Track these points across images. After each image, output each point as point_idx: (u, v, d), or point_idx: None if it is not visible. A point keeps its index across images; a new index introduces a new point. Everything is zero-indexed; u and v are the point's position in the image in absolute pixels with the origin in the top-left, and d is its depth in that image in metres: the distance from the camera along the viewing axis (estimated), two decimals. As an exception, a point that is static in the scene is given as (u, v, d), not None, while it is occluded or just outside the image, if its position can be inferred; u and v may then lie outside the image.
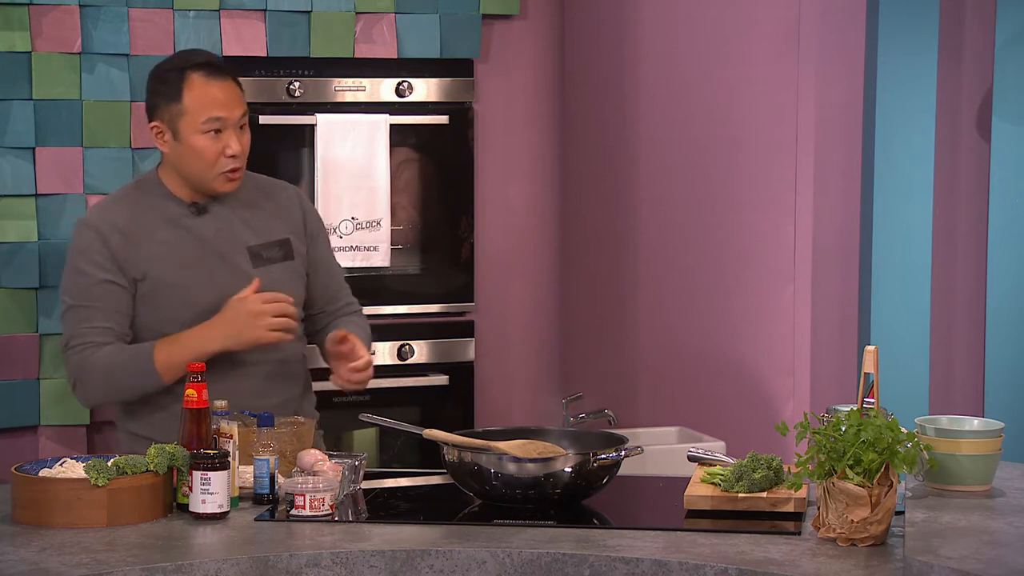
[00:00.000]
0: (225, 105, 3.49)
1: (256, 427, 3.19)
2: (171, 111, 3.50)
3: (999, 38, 4.49)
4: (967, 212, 4.56)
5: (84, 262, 3.50)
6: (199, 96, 3.48)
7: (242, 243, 3.57)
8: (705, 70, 4.61)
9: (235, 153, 3.50)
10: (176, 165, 3.55)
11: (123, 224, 3.53)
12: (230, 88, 3.52)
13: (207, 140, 3.48)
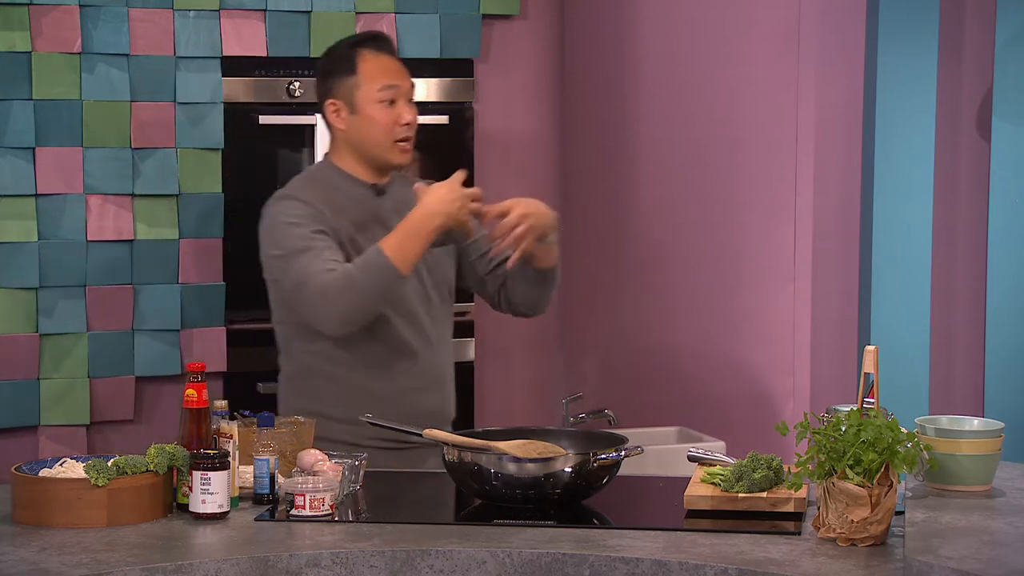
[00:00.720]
0: (398, 74, 3.71)
1: (256, 427, 3.19)
2: (346, 85, 3.68)
3: (999, 38, 4.49)
4: (967, 212, 4.56)
5: (296, 219, 3.58)
6: (372, 67, 3.69)
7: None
8: (705, 70, 4.61)
9: (408, 121, 3.67)
10: (353, 140, 3.69)
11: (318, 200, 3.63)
12: (398, 62, 3.74)
13: (382, 109, 3.67)
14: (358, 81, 3.69)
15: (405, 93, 3.71)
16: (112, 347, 4.55)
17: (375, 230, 3.65)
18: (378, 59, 3.71)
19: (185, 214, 4.60)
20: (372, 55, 3.71)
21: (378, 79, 3.68)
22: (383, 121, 3.68)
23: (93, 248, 4.51)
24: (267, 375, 4.76)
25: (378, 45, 3.74)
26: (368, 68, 3.70)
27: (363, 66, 3.70)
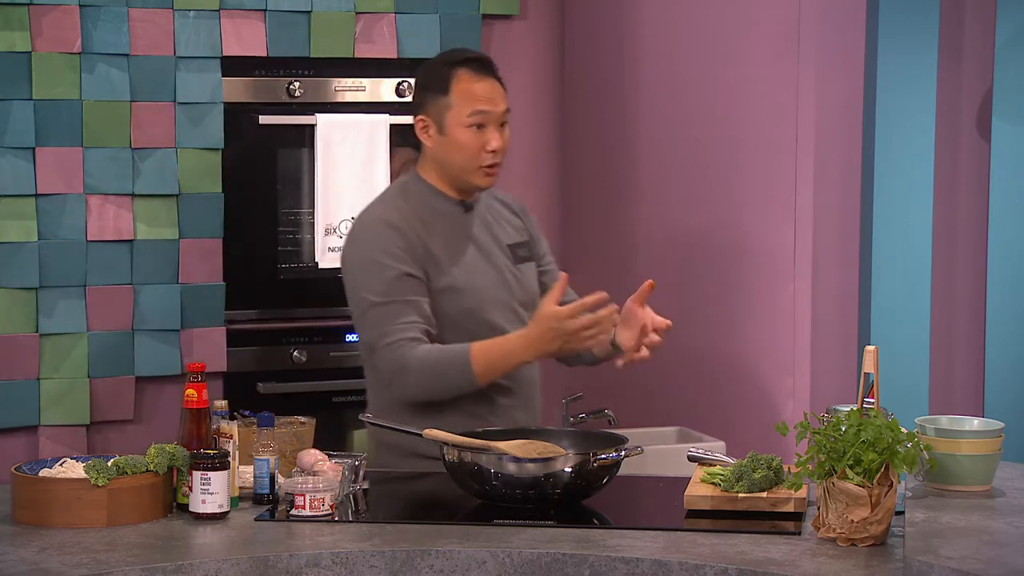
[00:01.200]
0: (489, 100, 3.59)
1: (256, 427, 3.19)
2: (438, 105, 3.59)
3: (999, 38, 4.49)
4: (967, 212, 4.55)
5: (383, 255, 3.51)
6: (465, 90, 3.58)
7: (503, 240, 3.68)
8: (705, 70, 4.61)
9: (496, 148, 3.58)
10: (438, 158, 3.62)
11: (410, 221, 3.58)
12: (494, 85, 3.62)
13: (470, 134, 3.57)
14: (449, 103, 3.58)
15: (497, 118, 3.60)
16: (112, 347, 4.55)
17: (461, 245, 3.59)
18: (474, 82, 3.59)
19: (185, 214, 4.60)
20: (468, 76, 3.59)
21: (469, 103, 3.58)
22: (470, 146, 3.58)
23: (93, 248, 4.51)
24: (267, 375, 4.77)
25: (477, 67, 3.61)
26: (461, 91, 3.58)
27: (457, 87, 3.58)
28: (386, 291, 3.48)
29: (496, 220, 3.70)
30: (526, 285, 3.68)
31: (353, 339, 4.86)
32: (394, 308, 3.47)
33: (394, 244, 3.52)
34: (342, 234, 4.74)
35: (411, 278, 3.50)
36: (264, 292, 4.78)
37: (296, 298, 4.80)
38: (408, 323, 3.46)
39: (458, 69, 3.59)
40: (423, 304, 3.50)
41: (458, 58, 3.63)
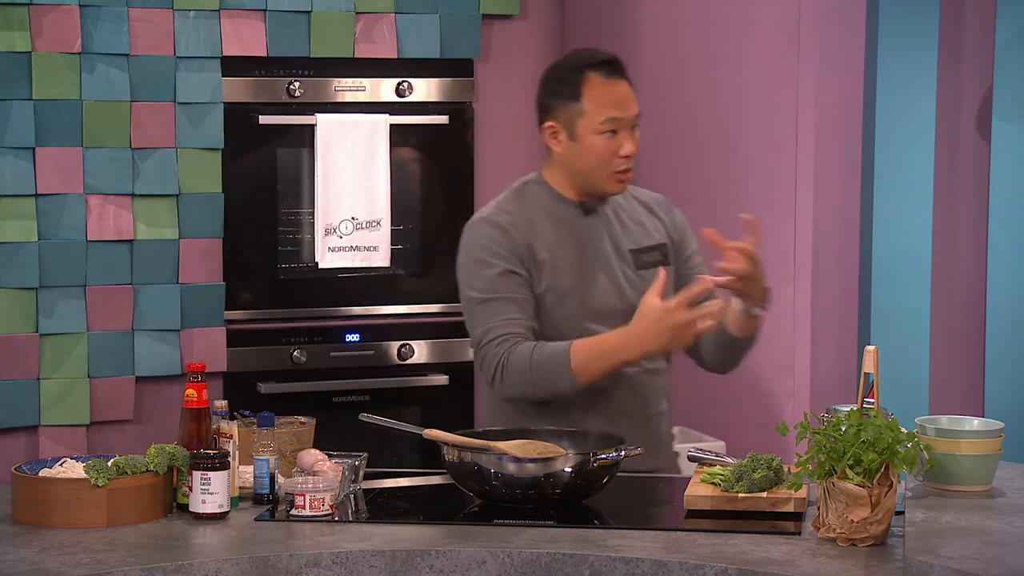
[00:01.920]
0: (622, 105, 3.47)
1: (256, 427, 3.19)
2: (569, 111, 3.48)
3: (999, 38, 4.49)
4: (967, 212, 4.55)
5: (486, 254, 3.49)
6: (598, 96, 3.46)
7: (624, 245, 3.57)
8: (705, 70, 4.61)
9: (629, 154, 3.48)
10: (568, 164, 3.53)
11: (518, 222, 3.52)
12: (625, 88, 3.50)
13: (603, 140, 3.46)
14: (582, 109, 3.47)
15: (629, 123, 3.48)
16: (112, 347, 4.55)
17: (571, 249, 3.52)
18: (606, 86, 3.47)
19: (185, 214, 4.61)
20: (600, 81, 3.47)
21: (603, 110, 3.46)
22: (603, 152, 3.47)
23: (93, 248, 4.51)
24: (267, 375, 4.77)
25: (608, 70, 3.48)
26: (594, 96, 3.46)
27: (589, 92, 3.47)
28: (489, 288, 3.47)
29: (624, 223, 3.59)
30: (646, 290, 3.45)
31: (353, 339, 4.87)
32: (496, 305, 3.46)
33: (497, 243, 3.49)
34: (342, 234, 4.75)
35: (514, 275, 3.47)
36: (264, 292, 4.78)
37: (296, 298, 4.81)
38: (510, 320, 3.44)
39: (589, 73, 3.47)
40: (526, 302, 3.47)
41: (588, 61, 3.50)
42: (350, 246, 4.76)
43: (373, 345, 4.88)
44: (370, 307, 4.90)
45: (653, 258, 3.58)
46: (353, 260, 4.77)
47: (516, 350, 3.42)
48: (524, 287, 3.49)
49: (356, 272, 4.83)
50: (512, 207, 3.56)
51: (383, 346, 4.89)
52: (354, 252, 4.77)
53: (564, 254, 3.51)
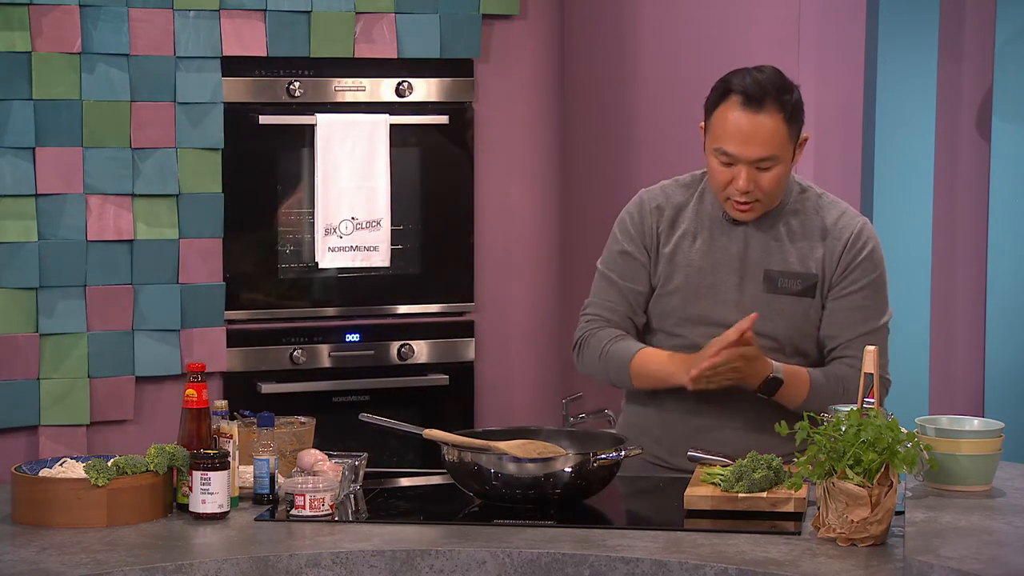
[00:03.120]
0: (742, 142, 3.26)
1: (256, 427, 3.19)
2: (707, 121, 3.34)
3: (999, 38, 4.49)
4: (967, 212, 4.56)
5: (619, 229, 3.49)
6: (722, 121, 3.28)
7: (763, 263, 3.38)
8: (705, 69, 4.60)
9: (741, 189, 3.28)
10: None
11: (668, 209, 3.45)
12: (761, 124, 3.25)
13: (719, 165, 3.30)
14: (709, 125, 3.33)
15: (748, 161, 3.26)
16: (112, 347, 4.55)
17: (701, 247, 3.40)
18: (736, 116, 3.26)
19: (185, 214, 4.61)
20: (734, 108, 3.27)
21: (718, 139, 3.29)
22: (717, 176, 3.31)
23: (93, 248, 4.51)
24: (267, 375, 4.77)
25: (749, 101, 3.26)
26: (719, 120, 3.29)
27: (717, 114, 3.30)
28: (607, 263, 3.49)
29: (780, 240, 3.38)
30: (771, 315, 3.34)
31: (353, 339, 4.87)
32: (604, 283, 3.48)
33: (633, 221, 3.47)
34: (342, 234, 4.75)
35: (632, 259, 3.45)
36: (264, 292, 4.79)
37: (296, 298, 4.81)
38: (607, 302, 3.46)
39: (731, 95, 3.28)
40: (631, 291, 3.44)
41: (738, 81, 3.30)
42: (350, 246, 4.76)
43: (373, 345, 4.89)
44: (370, 307, 4.90)
45: (790, 286, 3.37)
46: (353, 260, 4.78)
47: (597, 333, 3.45)
48: (639, 273, 3.45)
49: (356, 272, 4.83)
50: (677, 192, 3.49)
51: (383, 346, 4.89)
52: (354, 252, 4.77)
53: (694, 252, 3.42)
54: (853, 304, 3.38)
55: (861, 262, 3.39)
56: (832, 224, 3.39)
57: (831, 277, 3.38)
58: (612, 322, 3.45)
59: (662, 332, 3.45)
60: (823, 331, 3.40)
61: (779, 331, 3.37)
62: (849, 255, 3.38)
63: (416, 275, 4.92)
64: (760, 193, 3.30)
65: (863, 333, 3.37)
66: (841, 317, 3.38)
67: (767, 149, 3.27)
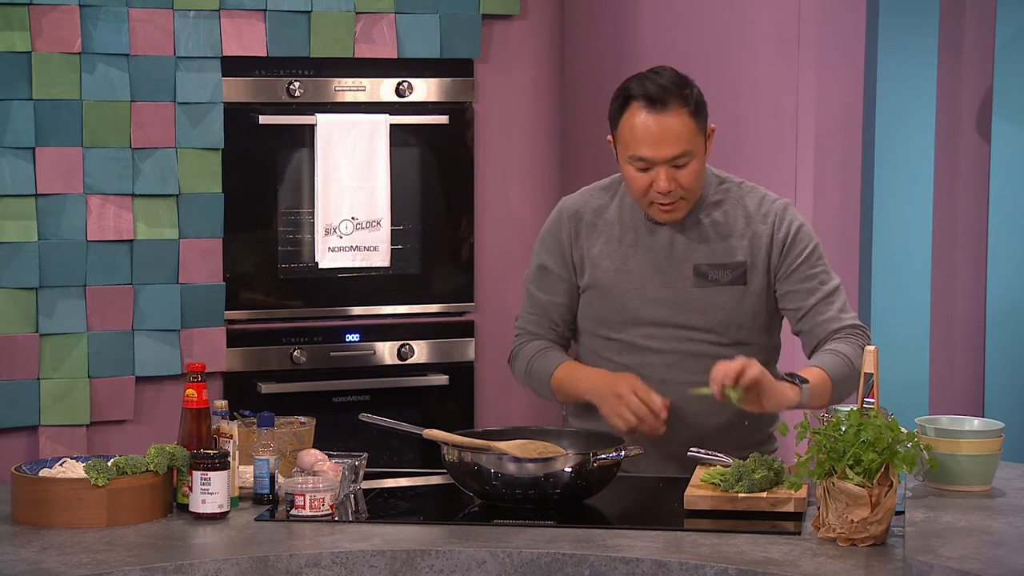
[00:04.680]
0: (654, 144, 3.27)
1: (256, 427, 3.19)
2: (615, 133, 3.36)
3: (999, 38, 4.49)
4: (967, 212, 4.56)
5: (540, 242, 3.54)
6: (630, 129, 3.29)
7: (691, 259, 3.40)
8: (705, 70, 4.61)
9: (663, 190, 3.29)
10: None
11: (587, 214, 3.48)
12: (668, 123, 3.27)
13: (635, 172, 3.32)
14: (618, 136, 3.34)
15: (663, 162, 3.27)
16: (112, 347, 4.55)
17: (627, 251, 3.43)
18: (642, 120, 3.28)
19: (185, 214, 4.60)
20: (639, 113, 3.28)
21: (630, 146, 3.30)
22: (637, 184, 3.33)
23: (93, 248, 4.51)
24: (267, 375, 4.77)
25: (652, 103, 3.27)
26: (626, 128, 3.31)
27: (624, 123, 3.31)
28: (531, 277, 3.55)
29: (706, 235, 3.40)
30: (705, 308, 3.39)
31: (353, 339, 4.87)
32: (528, 297, 3.56)
33: (551, 233, 3.50)
34: (342, 234, 4.75)
35: (550, 272, 3.49)
36: (264, 292, 4.78)
37: (296, 298, 4.81)
38: (531, 316, 3.54)
39: (632, 102, 3.30)
40: (551, 304, 3.50)
41: (636, 87, 3.31)
42: (350, 246, 4.76)
43: (373, 345, 4.89)
44: (370, 307, 4.90)
45: (721, 276, 3.40)
46: (353, 260, 4.77)
47: (523, 349, 3.55)
48: (556, 286, 3.49)
49: (356, 272, 4.83)
50: (597, 196, 3.52)
51: (383, 346, 4.89)
52: (354, 252, 4.77)
53: (619, 254, 3.44)
54: (803, 275, 3.41)
55: (795, 237, 3.42)
56: (755, 210, 3.44)
57: (771, 262, 3.42)
58: (538, 335, 3.54)
59: (598, 336, 3.47)
60: (786, 311, 3.44)
61: (716, 324, 3.39)
62: (780, 235, 3.42)
63: (416, 275, 4.92)
64: (682, 191, 3.33)
65: (825, 295, 3.40)
66: (798, 290, 3.41)
67: (679, 146, 3.29)
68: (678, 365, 3.40)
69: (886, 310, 4.63)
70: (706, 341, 3.40)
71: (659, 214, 3.37)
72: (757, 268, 3.41)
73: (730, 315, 3.40)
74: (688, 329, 3.41)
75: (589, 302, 3.47)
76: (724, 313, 3.40)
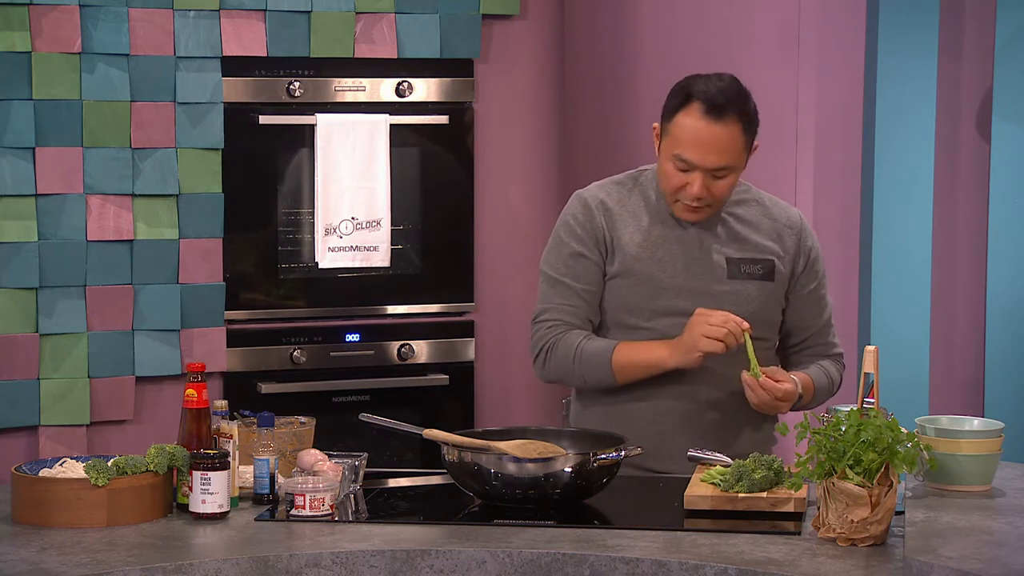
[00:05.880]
0: (701, 150, 3.29)
1: (256, 427, 3.19)
2: (665, 124, 3.36)
3: (999, 38, 4.49)
4: (967, 212, 4.56)
5: (565, 232, 3.48)
6: (683, 127, 3.31)
7: (722, 251, 3.43)
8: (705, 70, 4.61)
9: (695, 195, 3.32)
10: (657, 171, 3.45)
11: (612, 204, 3.47)
12: (721, 134, 3.29)
13: (674, 169, 3.33)
14: (668, 130, 3.34)
15: (706, 169, 3.30)
16: (112, 347, 4.55)
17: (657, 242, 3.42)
18: (697, 124, 3.29)
19: (185, 214, 4.61)
20: (695, 116, 3.29)
21: (679, 145, 3.31)
22: (671, 180, 3.34)
23: (93, 248, 4.51)
24: (267, 375, 4.77)
25: (711, 109, 3.29)
26: (680, 125, 3.32)
27: (678, 120, 3.32)
28: (559, 268, 3.47)
29: (732, 230, 3.45)
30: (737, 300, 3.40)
31: (353, 339, 4.87)
32: (560, 287, 3.46)
33: (579, 222, 3.47)
34: (342, 234, 4.75)
35: (585, 259, 3.45)
36: (264, 292, 4.79)
37: (296, 298, 4.81)
38: (568, 306, 3.46)
39: (694, 101, 3.31)
40: (589, 292, 3.46)
41: (702, 89, 3.32)
42: (350, 246, 4.76)
43: (373, 345, 4.89)
44: (370, 307, 4.90)
45: (753, 271, 3.44)
46: (353, 260, 4.78)
47: (564, 338, 3.44)
48: (593, 273, 3.46)
49: (356, 272, 4.83)
50: (615, 189, 3.51)
51: (383, 346, 4.89)
52: (354, 252, 4.77)
53: (649, 243, 3.44)
54: (817, 295, 3.52)
55: (816, 257, 3.51)
56: (778, 214, 3.51)
57: (794, 270, 3.48)
58: (576, 325, 3.46)
59: (624, 325, 3.46)
60: (791, 323, 3.51)
61: (746, 316, 3.38)
62: (805, 248, 3.50)
63: (416, 275, 4.92)
64: (712, 199, 3.36)
65: (827, 319, 3.55)
66: (810, 309, 3.51)
67: (725, 159, 3.31)
68: (708, 356, 3.38)
69: (886, 310, 4.63)
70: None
71: (683, 213, 3.39)
72: (781, 271, 3.46)
73: (759, 309, 3.43)
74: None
75: (618, 289, 3.45)
76: (755, 306, 3.42)
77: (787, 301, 3.50)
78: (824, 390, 3.50)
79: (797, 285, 3.49)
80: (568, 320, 3.46)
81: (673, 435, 3.41)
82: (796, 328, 3.52)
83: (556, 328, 3.46)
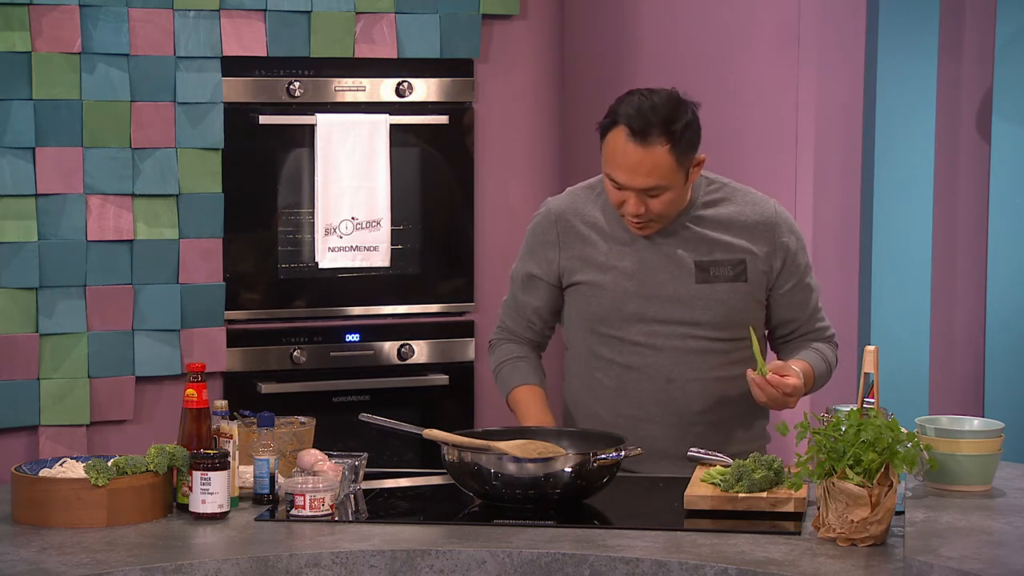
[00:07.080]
0: (628, 172, 3.26)
1: (256, 427, 3.19)
2: (601, 143, 3.33)
3: (999, 38, 4.49)
4: (967, 212, 4.56)
5: (524, 245, 3.58)
6: (612, 149, 3.28)
7: (691, 257, 3.40)
8: (705, 70, 4.61)
9: (633, 213, 3.31)
10: None
11: (576, 214, 3.47)
12: (645, 157, 3.24)
13: (611, 186, 3.32)
14: (602, 148, 3.32)
15: (637, 190, 3.27)
16: (112, 347, 4.55)
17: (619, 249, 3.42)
18: (622, 146, 3.25)
19: (185, 214, 4.61)
20: (621, 139, 3.25)
21: (607, 166, 3.30)
22: (611, 197, 3.34)
23: (93, 248, 4.51)
24: (267, 375, 4.77)
25: (634, 133, 3.24)
26: (608, 148, 3.29)
27: (607, 141, 3.29)
28: (514, 278, 3.59)
29: (701, 232, 3.41)
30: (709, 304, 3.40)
31: (353, 339, 4.87)
32: (509, 297, 3.61)
33: (535, 235, 3.52)
34: (342, 234, 4.75)
35: (533, 279, 3.53)
36: (264, 292, 4.79)
37: (296, 298, 4.81)
38: (510, 317, 3.61)
39: (619, 124, 3.26)
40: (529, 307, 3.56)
41: (624, 112, 3.27)
42: (350, 246, 4.76)
43: (373, 345, 4.89)
44: (370, 307, 4.90)
45: (723, 273, 3.41)
46: (353, 260, 4.78)
47: (498, 348, 3.63)
48: (537, 288, 3.53)
49: (356, 272, 4.83)
50: (584, 195, 3.50)
51: (383, 346, 4.89)
52: (354, 252, 4.77)
53: (615, 252, 3.44)
54: (803, 287, 3.50)
55: (795, 247, 3.46)
56: (750, 210, 3.46)
57: (771, 266, 3.44)
58: (515, 334, 3.62)
59: (596, 334, 3.47)
60: (779, 318, 3.51)
61: (720, 319, 3.40)
62: (781, 244, 3.44)
63: (416, 275, 4.92)
64: (652, 215, 3.34)
65: (814, 306, 3.53)
66: (795, 303, 3.50)
67: (652, 180, 3.28)
68: (684, 362, 3.41)
69: (886, 310, 4.62)
70: (708, 337, 3.42)
71: (631, 227, 3.40)
72: (756, 269, 3.43)
73: (732, 310, 3.42)
74: (692, 325, 3.41)
75: (586, 298, 3.46)
76: (727, 308, 3.41)
77: (770, 298, 3.48)
78: (823, 374, 3.50)
79: (778, 283, 3.47)
80: (509, 327, 3.63)
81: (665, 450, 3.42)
82: (784, 321, 3.52)
83: (499, 332, 3.65)
